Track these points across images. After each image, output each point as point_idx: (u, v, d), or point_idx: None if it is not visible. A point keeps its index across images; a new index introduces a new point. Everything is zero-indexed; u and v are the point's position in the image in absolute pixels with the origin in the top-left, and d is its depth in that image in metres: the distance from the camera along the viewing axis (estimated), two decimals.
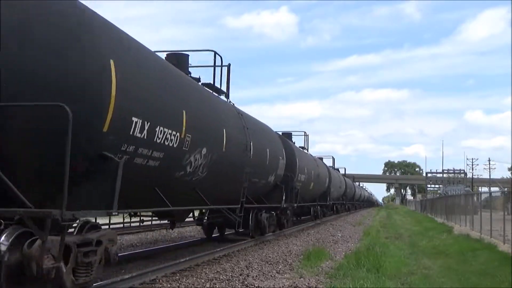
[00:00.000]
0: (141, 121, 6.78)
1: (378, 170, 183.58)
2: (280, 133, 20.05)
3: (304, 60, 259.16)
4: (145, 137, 6.97)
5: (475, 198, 23.73)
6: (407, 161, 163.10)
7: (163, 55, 10.30)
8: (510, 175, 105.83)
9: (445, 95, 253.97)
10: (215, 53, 12.48)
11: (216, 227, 15.72)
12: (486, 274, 10.07)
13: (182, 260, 10.01)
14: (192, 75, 11.02)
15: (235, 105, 13.32)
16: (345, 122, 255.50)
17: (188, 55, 11.25)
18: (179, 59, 10.61)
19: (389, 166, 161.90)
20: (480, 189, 74.39)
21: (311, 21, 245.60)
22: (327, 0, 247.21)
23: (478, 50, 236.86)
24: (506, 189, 25.09)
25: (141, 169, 7.22)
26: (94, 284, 7.38)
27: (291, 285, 8.37)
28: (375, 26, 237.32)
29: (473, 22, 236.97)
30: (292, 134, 23.06)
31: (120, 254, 11.35)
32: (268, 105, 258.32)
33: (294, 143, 21.94)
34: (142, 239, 15.46)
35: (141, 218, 12.15)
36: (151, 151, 7.26)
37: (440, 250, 14.78)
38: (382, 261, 10.48)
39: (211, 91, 11.85)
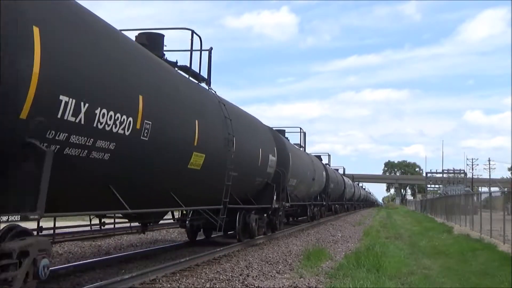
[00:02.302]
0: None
1: (378, 170, 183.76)
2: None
3: (304, 60, 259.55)
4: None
5: (475, 198, 23.73)
6: (407, 161, 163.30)
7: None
8: (510, 175, 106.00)
9: (445, 95, 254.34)
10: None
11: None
12: (486, 274, 10.08)
13: (182, 260, 10.00)
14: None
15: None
16: (345, 122, 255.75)
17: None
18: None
19: (389, 166, 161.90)
20: (480, 189, 74.42)
21: (312, 21, 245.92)
22: (327, 0, 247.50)
23: (478, 50, 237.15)
24: (506, 189, 25.06)
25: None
26: (94, 284, 7.40)
27: (291, 285, 8.37)
28: (375, 27, 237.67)
29: (473, 22, 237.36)
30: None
31: (120, 254, 11.39)
32: (268, 105, 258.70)
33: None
34: (142, 239, 15.47)
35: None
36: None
37: (440, 250, 14.78)
38: (382, 261, 10.47)
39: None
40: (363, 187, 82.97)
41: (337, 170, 42.53)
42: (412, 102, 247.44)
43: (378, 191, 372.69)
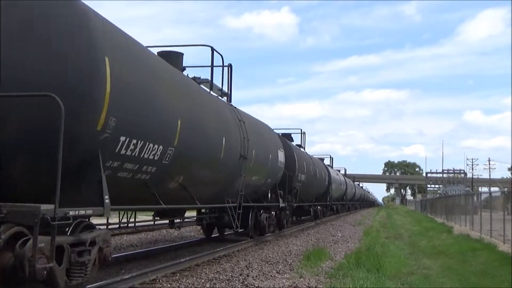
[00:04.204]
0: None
1: (378, 170, 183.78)
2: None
3: (304, 61, 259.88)
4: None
5: (475, 198, 23.73)
6: (407, 161, 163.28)
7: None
8: (510, 175, 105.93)
9: (445, 95, 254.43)
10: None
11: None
12: (486, 274, 10.08)
13: (182, 260, 10.00)
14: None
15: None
16: (345, 122, 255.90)
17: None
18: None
19: (389, 166, 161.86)
20: (480, 189, 74.41)
21: (312, 22, 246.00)
22: (327, 0, 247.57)
23: (478, 50, 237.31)
24: (506, 189, 25.08)
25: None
26: (94, 284, 7.39)
27: (291, 285, 8.37)
28: (375, 27, 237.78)
29: (473, 22, 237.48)
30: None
31: (120, 254, 11.38)
32: (268, 105, 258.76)
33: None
34: (142, 239, 15.46)
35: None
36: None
37: (440, 250, 14.77)
38: (382, 261, 10.47)
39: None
40: (362, 186, 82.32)
41: (323, 160, 32.91)
42: (412, 102, 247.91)
43: (378, 191, 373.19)
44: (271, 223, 16.53)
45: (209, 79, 11.12)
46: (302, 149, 23.84)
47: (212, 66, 11.09)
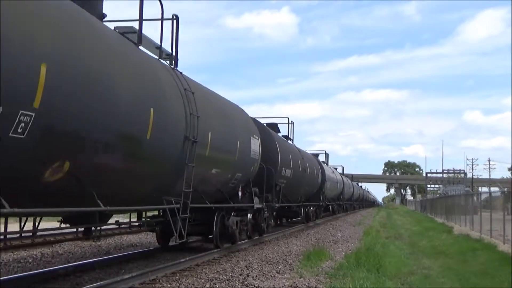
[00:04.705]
0: None
1: (378, 170, 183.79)
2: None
3: (304, 61, 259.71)
4: None
5: (475, 198, 23.74)
6: (407, 161, 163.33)
7: None
8: (510, 175, 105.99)
9: (445, 95, 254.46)
10: None
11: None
12: (486, 274, 10.08)
13: (182, 260, 10.00)
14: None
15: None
16: (345, 122, 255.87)
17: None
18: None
19: (389, 166, 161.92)
20: (480, 189, 74.40)
21: (312, 22, 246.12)
22: (328, 0, 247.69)
23: (478, 50, 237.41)
24: (506, 189, 25.07)
25: None
26: (94, 284, 7.40)
27: (291, 285, 8.37)
28: (375, 27, 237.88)
29: (473, 22, 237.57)
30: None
31: (120, 254, 11.39)
32: (268, 105, 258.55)
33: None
34: (142, 239, 15.46)
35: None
36: None
37: (440, 250, 14.78)
38: (382, 261, 10.47)
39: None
40: (362, 186, 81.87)
41: (317, 156, 29.93)
42: (412, 102, 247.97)
43: (378, 191, 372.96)
44: (243, 228, 13.26)
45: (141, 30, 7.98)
46: (290, 141, 20.36)
47: (141, 16, 8.05)
